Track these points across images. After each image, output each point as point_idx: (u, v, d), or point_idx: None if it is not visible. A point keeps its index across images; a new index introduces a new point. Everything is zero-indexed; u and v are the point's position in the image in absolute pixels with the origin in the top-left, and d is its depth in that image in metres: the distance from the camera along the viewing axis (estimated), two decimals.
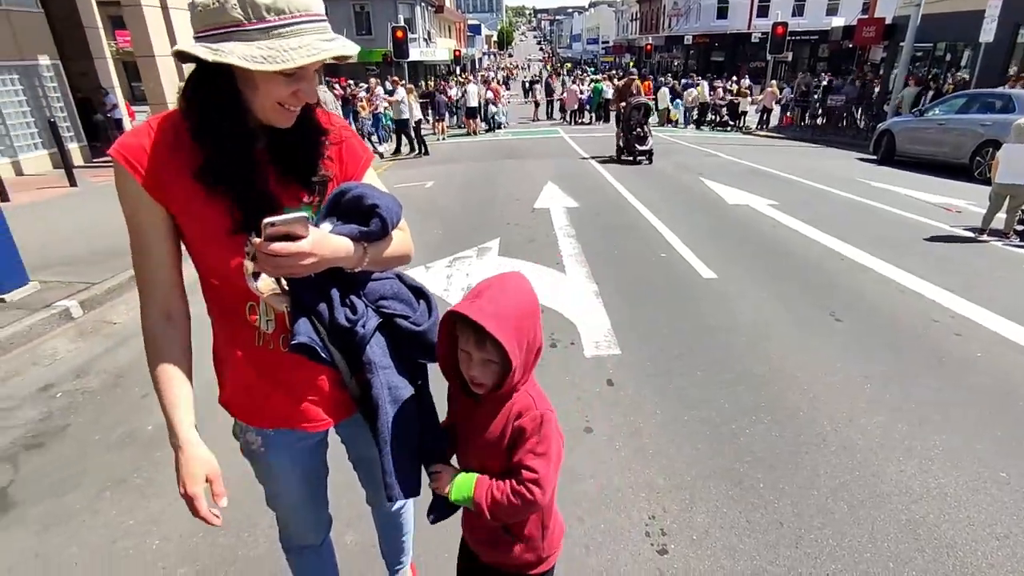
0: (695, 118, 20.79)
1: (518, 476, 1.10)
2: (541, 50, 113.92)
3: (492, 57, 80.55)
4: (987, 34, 11.84)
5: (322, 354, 1.12)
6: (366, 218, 1.08)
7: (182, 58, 0.97)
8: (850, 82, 18.39)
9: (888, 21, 19.13)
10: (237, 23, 0.93)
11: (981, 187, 7.78)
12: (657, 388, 3.19)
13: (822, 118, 18.18)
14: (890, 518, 2.20)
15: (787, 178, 9.85)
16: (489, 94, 19.90)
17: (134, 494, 2.45)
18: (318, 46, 0.96)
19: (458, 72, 35.73)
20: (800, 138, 16.79)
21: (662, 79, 27.30)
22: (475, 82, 20.39)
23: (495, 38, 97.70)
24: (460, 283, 4.81)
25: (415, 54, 25.43)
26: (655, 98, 21.11)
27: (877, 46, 23.16)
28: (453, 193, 8.99)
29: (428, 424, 1.25)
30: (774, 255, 5.55)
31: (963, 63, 16.35)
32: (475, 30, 65.91)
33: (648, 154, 11.49)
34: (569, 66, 56.64)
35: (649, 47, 37.34)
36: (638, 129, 11.39)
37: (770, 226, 6.64)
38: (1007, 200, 5.85)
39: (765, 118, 18.79)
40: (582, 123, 21.92)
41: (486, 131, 19.60)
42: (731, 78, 21.63)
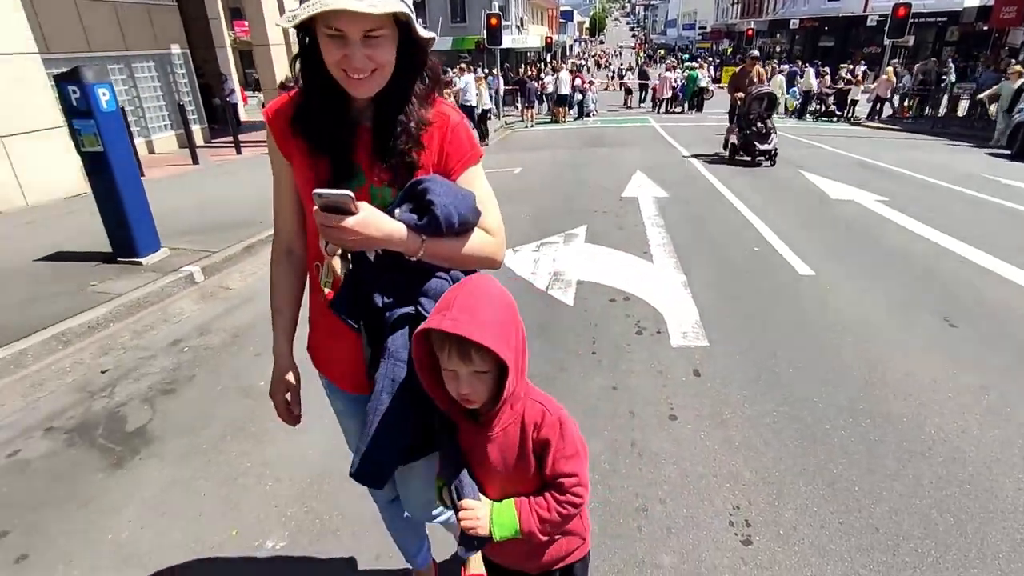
0: (795, 108, 19.50)
1: (558, 487, 1.09)
2: (634, 36, 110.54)
3: (583, 44, 79.35)
4: None
5: (352, 324, 1.18)
6: (424, 213, 1.07)
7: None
8: (990, 70, 16.21)
9: None
10: None
11: None
12: (745, 382, 3.10)
13: (947, 108, 16.37)
14: (1003, 536, 2.04)
15: (901, 173, 9.07)
16: (578, 81, 19.68)
17: (251, 440, 2.73)
18: (325, 1, 0.93)
19: (548, 59, 35.55)
20: (918, 130, 15.27)
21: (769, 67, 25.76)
22: (565, 69, 20.22)
23: (587, 24, 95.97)
24: (547, 268, 4.87)
25: (507, 41, 25.50)
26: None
27: (1018, 28, 20.62)
28: (541, 180, 9.03)
29: (417, 426, 1.21)
30: (881, 253, 5.18)
31: None
32: (567, 16, 65.05)
33: (770, 155, 9.57)
34: (662, 52, 54.79)
35: (750, 32, 35.38)
36: (759, 124, 9.50)
37: (877, 223, 6.18)
38: None
39: (878, 108, 17.29)
40: (673, 112, 21.23)
41: (575, 119, 19.45)
42: (843, 65, 19.96)
